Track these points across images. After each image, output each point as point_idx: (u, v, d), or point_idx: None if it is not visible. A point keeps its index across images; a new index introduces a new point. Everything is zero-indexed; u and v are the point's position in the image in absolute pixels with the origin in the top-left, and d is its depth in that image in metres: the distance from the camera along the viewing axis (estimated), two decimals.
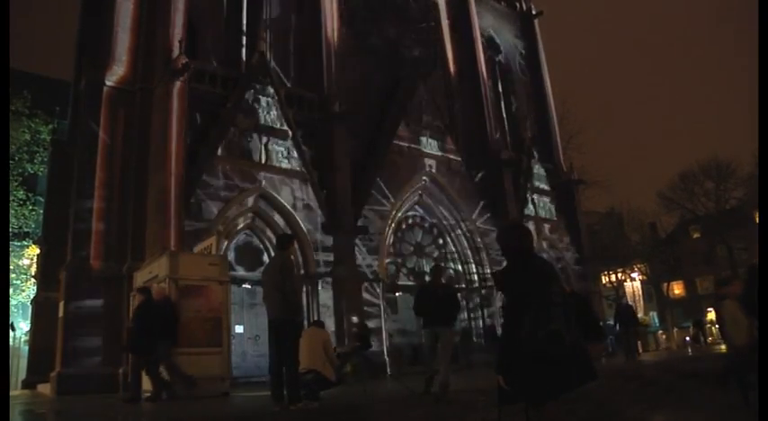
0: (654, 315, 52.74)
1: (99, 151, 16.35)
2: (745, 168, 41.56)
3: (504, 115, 28.38)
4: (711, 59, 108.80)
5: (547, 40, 31.74)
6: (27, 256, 24.81)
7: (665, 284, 51.30)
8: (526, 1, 31.65)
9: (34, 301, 19.95)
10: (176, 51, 16.71)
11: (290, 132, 18.33)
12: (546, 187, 27.10)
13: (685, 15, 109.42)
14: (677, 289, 55.29)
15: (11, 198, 23.30)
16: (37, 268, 21.61)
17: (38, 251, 21.82)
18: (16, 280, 24.31)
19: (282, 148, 18.12)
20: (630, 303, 24.55)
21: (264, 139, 17.84)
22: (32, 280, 23.23)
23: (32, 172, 24.74)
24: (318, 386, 7.44)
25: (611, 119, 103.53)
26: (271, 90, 18.33)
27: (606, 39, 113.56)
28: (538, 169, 27.13)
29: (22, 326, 24.94)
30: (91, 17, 20.79)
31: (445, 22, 26.74)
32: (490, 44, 28.89)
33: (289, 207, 17.97)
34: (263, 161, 17.70)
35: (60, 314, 15.07)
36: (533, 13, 31.42)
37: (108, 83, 16.90)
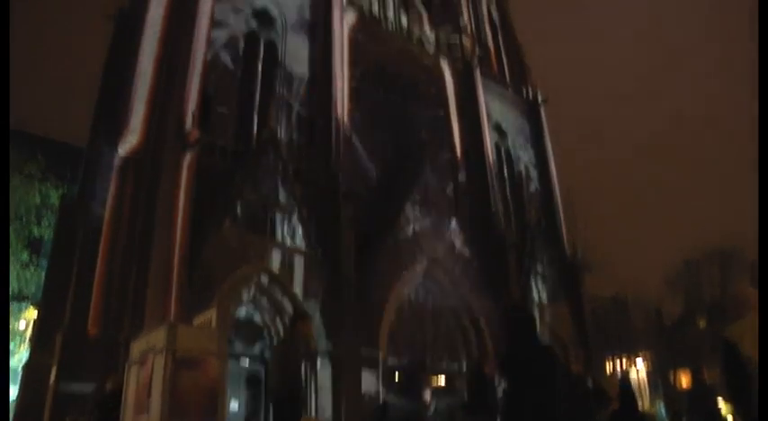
0: (661, 405, 51.27)
1: (105, 218, 16.51)
2: (750, 256, 41.42)
3: (510, 199, 28.63)
4: (720, 146, 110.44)
5: (552, 125, 32.43)
6: (24, 318, 24.57)
7: (672, 373, 50.18)
8: (532, 88, 32.55)
9: (26, 366, 19.57)
10: (189, 124, 17.14)
11: (296, 208, 18.50)
12: (550, 271, 26.95)
13: (690, 108, 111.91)
14: (684, 378, 53.92)
15: (15, 259, 23.34)
16: (33, 332, 21.35)
17: (35, 314, 21.64)
18: (11, 342, 23.98)
19: (288, 224, 18.24)
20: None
21: (270, 214, 17.99)
22: (26, 344, 22.88)
23: (39, 235, 24.87)
24: None
25: (616, 202, 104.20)
26: (279, 165, 18.64)
27: (613, 125, 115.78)
28: (542, 253, 27.09)
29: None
30: (110, 86, 21.47)
31: (453, 106, 27.43)
32: (497, 129, 29.50)
33: (291, 283, 17.88)
34: (269, 236, 17.78)
35: (51, 379, 14.73)
36: (539, 100, 32.22)
37: (120, 151, 17.23)
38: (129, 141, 17.42)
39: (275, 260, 17.66)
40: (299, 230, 18.42)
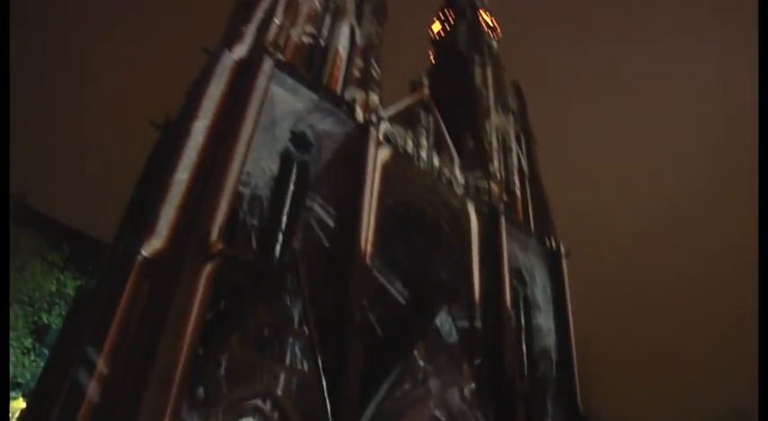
0: None
1: (116, 317, 16.50)
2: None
3: (525, 348, 28.14)
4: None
5: (574, 275, 32.47)
6: (12, 409, 24.02)
7: None
8: (555, 240, 32.95)
9: None
10: (214, 236, 17.54)
11: (308, 333, 18.37)
12: None
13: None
14: None
15: (17, 345, 23.24)
16: None
17: (23, 405, 21.19)
18: None
19: (298, 348, 18.04)
20: None
21: (281, 336, 17.86)
22: None
23: (47, 322, 24.90)
24: None
25: (634, 358, 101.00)
26: (297, 288, 18.73)
27: (637, 275, 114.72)
28: (553, 407, 26.18)
29: None
30: (144, 189, 22.27)
31: (476, 249, 27.75)
32: (517, 276, 29.59)
33: (296, 410, 17.40)
34: (276, 358, 17.52)
35: None
36: (562, 252, 32.49)
37: (143, 252, 17.53)
38: (153, 244, 17.74)
39: (281, 383, 17.30)
40: (308, 355, 18.16)
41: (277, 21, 25.19)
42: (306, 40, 27.67)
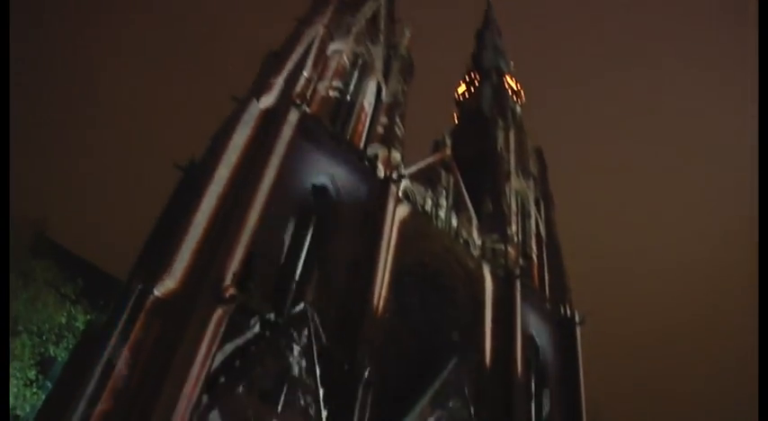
0: None
1: (123, 354, 16.45)
2: None
3: (533, 413, 27.48)
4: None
5: (587, 342, 31.90)
6: None
7: None
8: (570, 307, 32.48)
9: None
10: (228, 281, 17.59)
11: (314, 388, 18.14)
12: None
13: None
14: None
15: (21, 376, 23.09)
16: None
17: None
18: None
19: (303, 402, 17.78)
20: None
21: (287, 388, 17.65)
22: None
23: (53, 355, 24.79)
24: None
25: None
26: (306, 341, 18.62)
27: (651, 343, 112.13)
28: None
29: None
30: (163, 229, 22.48)
31: (489, 312, 27.47)
32: (530, 342, 29.10)
33: None
34: (281, 410, 17.28)
35: None
36: (576, 320, 31.98)
37: (156, 292, 17.60)
38: (167, 284, 17.82)
39: None
40: (312, 410, 17.90)
41: (306, 73, 25.79)
42: (333, 93, 28.24)
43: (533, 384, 28.43)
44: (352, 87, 30.06)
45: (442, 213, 29.15)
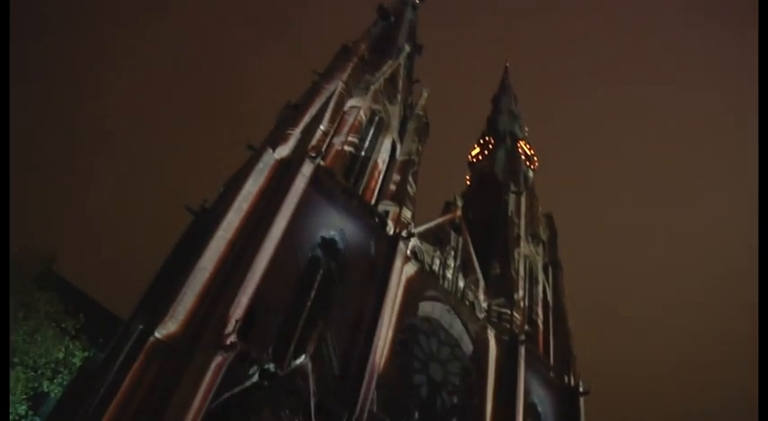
0: None
1: (117, 395, 16.25)
2: None
3: None
4: None
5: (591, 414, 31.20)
6: None
7: None
8: (575, 377, 31.83)
9: None
10: (230, 328, 17.48)
11: None
12: None
13: None
14: None
15: (11, 410, 22.71)
16: None
17: None
18: None
19: None
20: None
21: None
22: None
23: (46, 390, 24.43)
24: None
25: None
26: (304, 394, 18.31)
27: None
28: None
29: None
30: (168, 271, 22.51)
31: (491, 375, 27.03)
32: (531, 410, 28.47)
33: None
34: None
35: None
36: (580, 390, 31.27)
37: (156, 334, 17.50)
38: (168, 327, 17.75)
39: None
40: None
41: (322, 127, 26.22)
42: (348, 148, 28.65)
43: None
44: (367, 143, 30.48)
45: (449, 274, 29.03)
